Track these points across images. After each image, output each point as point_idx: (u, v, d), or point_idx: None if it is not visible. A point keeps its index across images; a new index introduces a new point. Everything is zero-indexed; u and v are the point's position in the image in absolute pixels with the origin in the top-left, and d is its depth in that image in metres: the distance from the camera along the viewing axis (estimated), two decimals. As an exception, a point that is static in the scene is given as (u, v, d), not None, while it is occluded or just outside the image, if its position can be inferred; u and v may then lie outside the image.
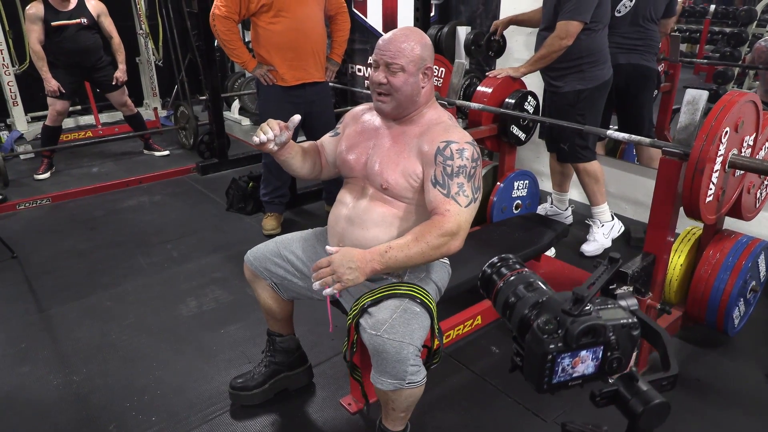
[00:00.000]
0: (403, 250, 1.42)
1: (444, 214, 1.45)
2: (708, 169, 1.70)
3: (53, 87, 3.99)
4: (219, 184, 3.96)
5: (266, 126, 1.56)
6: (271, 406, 1.92)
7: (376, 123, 1.66)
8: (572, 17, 2.56)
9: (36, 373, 2.10)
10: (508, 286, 0.89)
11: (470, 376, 2.07)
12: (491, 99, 2.75)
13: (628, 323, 0.78)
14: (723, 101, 1.70)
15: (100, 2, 4.19)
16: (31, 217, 3.56)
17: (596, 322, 0.75)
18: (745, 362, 2.13)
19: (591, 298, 0.79)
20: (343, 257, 1.39)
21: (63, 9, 3.96)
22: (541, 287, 0.87)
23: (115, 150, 4.89)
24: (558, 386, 0.78)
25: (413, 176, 1.53)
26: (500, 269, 0.93)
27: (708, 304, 2.08)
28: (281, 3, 2.85)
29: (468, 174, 1.49)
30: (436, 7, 4.15)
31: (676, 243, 2.21)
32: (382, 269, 1.43)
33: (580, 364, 0.77)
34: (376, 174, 1.56)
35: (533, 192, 2.99)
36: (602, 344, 0.77)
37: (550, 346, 0.75)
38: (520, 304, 0.85)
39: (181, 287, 2.69)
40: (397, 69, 1.52)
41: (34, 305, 2.56)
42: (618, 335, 0.77)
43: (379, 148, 1.59)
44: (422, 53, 1.54)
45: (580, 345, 0.76)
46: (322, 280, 1.39)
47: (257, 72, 3.00)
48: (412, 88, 1.54)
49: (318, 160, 1.78)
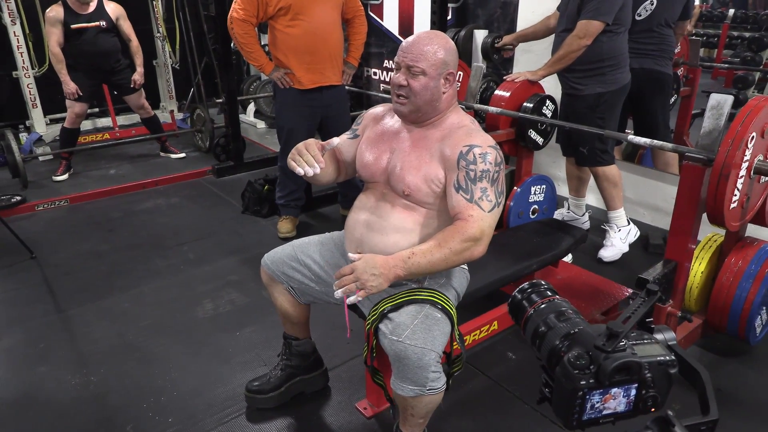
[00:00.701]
0: (426, 256, 1.41)
1: (467, 219, 1.44)
2: (733, 175, 1.67)
3: (71, 89, 4.04)
4: (235, 186, 3.98)
5: (308, 155, 1.46)
6: (286, 410, 1.91)
7: (397, 126, 1.64)
8: (594, 17, 2.53)
9: (54, 373, 2.12)
10: (539, 315, 0.86)
11: (487, 382, 2.05)
12: (509, 103, 2.73)
13: (665, 361, 0.74)
14: (749, 106, 1.68)
15: (118, 5, 4.24)
16: (50, 218, 3.60)
17: (631, 359, 0.72)
18: (767, 371, 2.09)
19: (626, 333, 0.75)
20: (366, 264, 1.38)
21: (82, 12, 4.02)
22: (573, 317, 0.84)
23: (132, 152, 4.94)
24: (588, 423, 0.75)
25: (435, 181, 1.52)
26: (531, 295, 0.90)
27: (730, 312, 2.05)
28: (299, 6, 2.86)
29: (491, 178, 1.48)
30: (453, 11, 4.15)
31: (696, 250, 2.18)
32: (405, 275, 1.41)
33: (611, 401, 0.74)
34: (398, 179, 1.55)
35: (550, 197, 2.97)
36: (636, 382, 0.74)
37: (581, 382, 0.72)
38: (551, 335, 0.82)
39: (197, 289, 2.71)
40: (418, 72, 1.50)
41: (52, 306, 2.59)
42: (654, 373, 0.74)
43: (400, 153, 1.58)
44: (445, 58, 1.52)
45: (613, 382, 0.73)
46: (345, 287, 1.37)
47: (274, 75, 3.01)
48: (432, 93, 1.53)
49: (336, 166, 1.75)
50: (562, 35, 2.71)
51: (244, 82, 5.78)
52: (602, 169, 2.87)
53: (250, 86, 5.73)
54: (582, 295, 2.40)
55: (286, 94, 3.05)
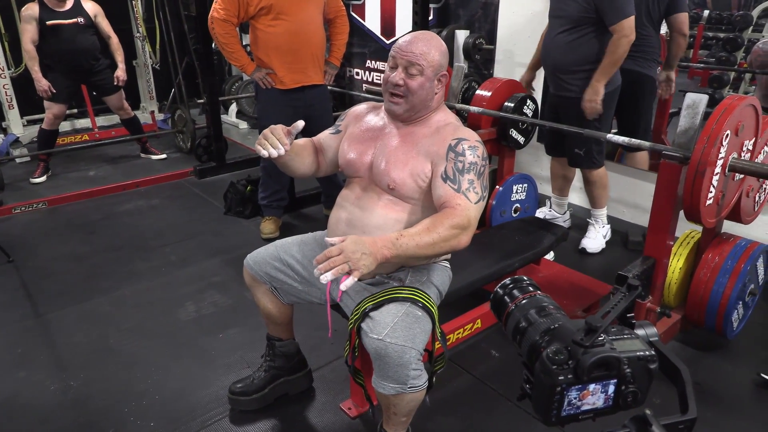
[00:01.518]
0: (415, 239, 1.38)
1: (455, 207, 1.45)
2: (709, 173, 1.70)
3: (44, 87, 3.96)
4: (217, 187, 3.95)
5: (273, 138, 1.49)
6: (270, 411, 1.91)
7: (382, 123, 1.65)
8: (626, 13, 2.49)
9: (33, 379, 2.09)
10: (520, 310, 0.85)
11: (470, 380, 2.07)
12: (490, 102, 2.75)
13: (644, 356, 0.73)
14: (724, 105, 1.71)
15: (96, 4, 4.18)
16: (28, 221, 3.54)
17: (609, 354, 0.72)
18: (744, 365, 2.14)
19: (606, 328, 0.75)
20: (354, 244, 1.30)
21: (59, 9, 3.96)
22: (553, 313, 0.83)
23: (112, 153, 4.88)
24: (567, 419, 0.74)
25: (421, 176, 1.53)
26: (512, 291, 0.89)
27: (707, 307, 2.09)
28: (280, 6, 2.85)
29: (478, 171, 1.50)
30: (434, 11, 4.16)
31: (675, 246, 2.22)
32: (391, 256, 1.36)
33: (589, 397, 0.73)
34: (383, 173, 1.56)
35: (532, 195, 3.00)
36: (616, 377, 0.73)
37: (559, 377, 0.71)
38: (531, 330, 0.81)
39: (179, 291, 2.68)
40: (416, 72, 1.52)
41: (31, 310, 2.55)
42: (633, 368, 0.73)
43: (385, 148, 1.59)
44: (441, 60, 1.55)
45: (591, 378, 0.72)
46: (335, 269, 1.26)
47: (256, 75, 2.99)
48: (427, 92, 1.55)
49: (314, 158, 1.75)
50: (560, 37, 2.69)
51: (226, 83, 5.74)
52: (595, 171, 2.88)
53: (231, 86, 5.69)
54: (564, 292, 2.42)
55: (268, 94, 3.04)
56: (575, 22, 2.63)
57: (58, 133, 4.29)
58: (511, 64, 3.59)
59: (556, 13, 2.73)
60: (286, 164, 1.65)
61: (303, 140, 1.76)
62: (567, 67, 2.71)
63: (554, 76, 2.81)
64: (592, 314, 0.80)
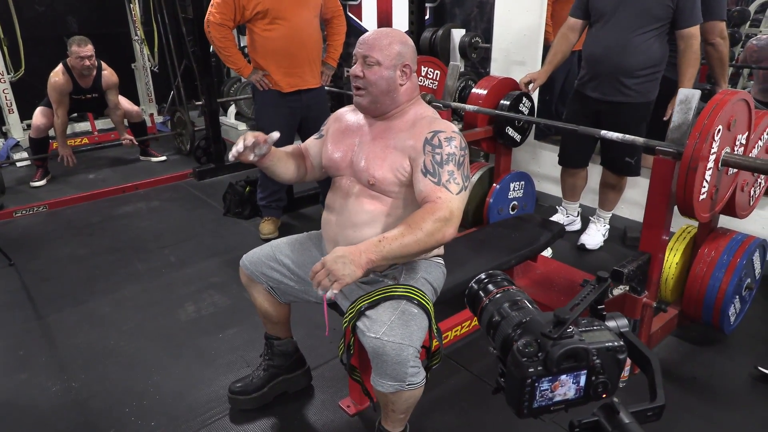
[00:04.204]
0: (398, 239, 1.40)
1: (436, 201, 1.45)
2: (701, 168, 1.71)
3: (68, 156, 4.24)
4: (216, 189, 3.97)
5: (240, 138, 1.55)
6: (270, 410, 1.92)
7: (360, 121, 1.67)
8: (700, 18, 2.41)
9: (34, 380, 2.10)
10: (494, 304, 0.85)
11: (468, 377, 2.08)
12: (486, 101, 2.76)
13: (613, 346, 0.74)
14: (715, 100, 1.72)
15: (114, 75, 4.33)
16: (28, 224, 3.56)
17: (578, 345, 0.72)
18: (741, 360, 2.14)
19: (575, 320, 0.75)
20: (334, 255, 1.36)
21: (84, 86, 4.18)
22: (526, 306, 0.83)
23: (111, 156, 4.90)
24: (539, 410, 0.75)
25: (401, 170, 1.54)
26: (487, 286, 0.90)
27: (704, 302, 2.10)
28: (277, 10, 2.85)
29: (457, 162, 1.50)
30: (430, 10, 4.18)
31: (671, 242, 2.23)
32: (378, 259, 1.39)
33: (560, 388, 0.74)
34: (363, 170, 1.57)
35: (529, 193, 3.01)
36: (585, 368, 0.73)
37: (529, 369, 0.72)
38: (504, 324, 0.81)
39: (179, 292, 2.70)
40: (372, 62, 1.53)
41: (32, 312, 2.56)
42: (603, 359, 0.74)
43: (364, 145, 1.61)
44: (400, 50, 1.56)
45: (561, 369, 0.72)
46: (322, 283, 1.35)
47: (253, 78, 3.00)
48: (388, 83, 1.55)
49: (302, 163, 1.78)
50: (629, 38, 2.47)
51: (225, 84, 5.75)
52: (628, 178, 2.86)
53: (230, 88, 5.70)
54: (561, 288, 2.43)
55: (265, 95, 3.05)
56: (654, 21, 2.44)
57: (48, 138, 4.29)
58: (508, 63, 3.60)
59: (625, 12, 2.49)
60: (269, 169, 1.69)
61: (291, 147, 1.80)
62: (633, 70, 2.52)
63: (611, 79, 2.58)
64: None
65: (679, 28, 2.43)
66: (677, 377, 2.05)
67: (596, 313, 0.83)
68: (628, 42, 2.49)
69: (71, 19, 5.37)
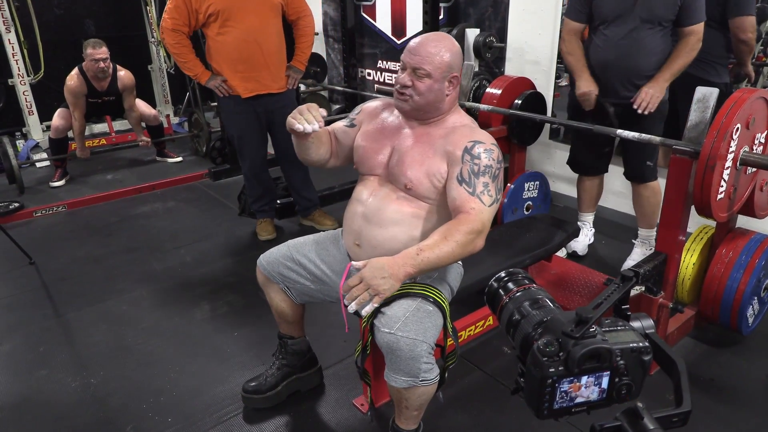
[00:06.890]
0: (435, 251, 1.41)
1: (469, 212, 1.46)
2: (719, 167, 1.69)
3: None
4: (231, 189, 4.00)
5: (309, 114, 1.49)
6: (284, 408, 1.93)
7: (398, 122, 1.66)
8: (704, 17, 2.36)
9: (54, 377, 2.14)
10: (514, 302, 0.83)
11: (482, 376, 2.08)
12: (500, 101, 2.76)
13: (638, 347, 0.71)
14: (733, 98, 1.70)
15: (130, 77, 4.36)
16: (48, 224, 3.62)
17: (601, 345, 0.70)
18: (759, 361, 2.12)
19: (598, 320, 0.73)
20: (373, 269, 1.36)
21: (100, 89, 4.22)
22: (548, 305, 0.81)
23: (128, 157, 4.96)
24: (560, 412, 0.72)
25: (437, 176, 1.53)
26: (507, 284, 0.88)
27: (721, 303, 2.07)
28: (228, 12, 2.75)
29: (493, 174, 1.51)
30: (444, 10, 4.17)
31: (688, 242, 2.21)
32: (415, 272, 1.40)
33: (582, 390, 0.71)
34: (400, 173, 1.57)
35: (544, 193, 3.00)
36: (608, 369, 0.71)
37: (550, 369, 0.70)
38: (524, 323, 0.79)
39: (195, 292, 2.73)
40: (423, 74, 1.52)
41: (51, 310, 2.61)
42: (627, 360, 0.71)
43: (402, 148, 1.60)
44: (450, 61, 1.54)
45: (583, 370, 0.70)
46: (357, 299, 1.34)
47: (211, 84, 2.93)
48: (436, 95, 1.55)
49: (329, 148, 1.74)
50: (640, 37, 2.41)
51: (240, 86, 5.78)
52: (656, 181, 2.66)
53: (245, 89, 5.74)
54: (576, 289, 2.42)
55: (228, 102, 2.99)
56: (662, 21, 2.39)
57: (67, 139, 4.36)
58: (522, 62, 3.58)
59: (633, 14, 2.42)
60: (307, 147, 1.64)
61: (323, 129, 1.72)
62: (646, 70, 2.44)
63: (626, 81, 2.49)
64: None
65: (682, 26, 2.39)
66: (694, 379, 2.03)
67: (620, 313, 0.81)
68: (639, 44, 2.44)
69: (89, 22, 5.45)
